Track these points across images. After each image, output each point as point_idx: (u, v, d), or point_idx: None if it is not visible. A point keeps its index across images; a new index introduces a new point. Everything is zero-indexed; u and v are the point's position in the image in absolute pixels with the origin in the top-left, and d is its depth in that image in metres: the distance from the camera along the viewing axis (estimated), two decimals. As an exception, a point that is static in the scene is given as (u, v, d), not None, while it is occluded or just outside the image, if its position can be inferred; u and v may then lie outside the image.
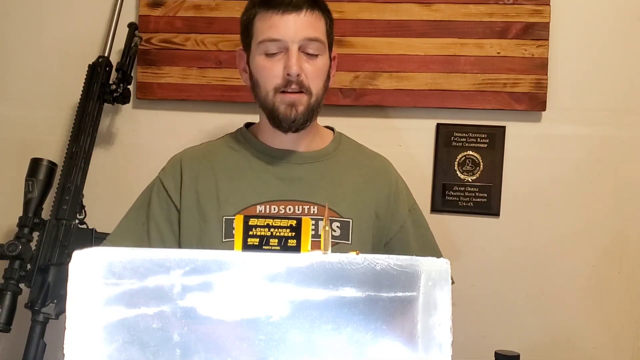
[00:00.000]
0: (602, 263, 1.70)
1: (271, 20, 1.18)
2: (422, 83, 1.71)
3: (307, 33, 1.18)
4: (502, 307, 1.72)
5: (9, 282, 1.43)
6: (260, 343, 0.67)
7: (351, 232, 1.24)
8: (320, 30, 1.21)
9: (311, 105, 1.21)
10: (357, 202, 1.27)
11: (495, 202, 1.72)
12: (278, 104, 1.20)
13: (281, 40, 1.17)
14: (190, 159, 1.30)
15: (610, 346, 1.70)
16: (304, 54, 1.19)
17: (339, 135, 1.35)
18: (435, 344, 0.68)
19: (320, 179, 1.26)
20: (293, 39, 1.17)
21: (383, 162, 1.36)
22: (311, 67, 1.19)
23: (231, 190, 1.25)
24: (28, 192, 1.50)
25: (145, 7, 1.79)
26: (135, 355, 0.67)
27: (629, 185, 1.70)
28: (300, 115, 1.20)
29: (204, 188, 1.26)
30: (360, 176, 1.30)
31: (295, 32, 1.17)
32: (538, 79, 1.69)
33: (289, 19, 1.17)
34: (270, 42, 1.18)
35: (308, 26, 1.18)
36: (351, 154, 1.33)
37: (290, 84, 1.18)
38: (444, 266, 0.70)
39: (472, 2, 1.70)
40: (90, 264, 0.68)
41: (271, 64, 1.19)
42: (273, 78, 1.19)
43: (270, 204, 1.23)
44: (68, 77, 1.79)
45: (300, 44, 1.18)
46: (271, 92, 1.20)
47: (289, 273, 0.68)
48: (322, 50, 1.21)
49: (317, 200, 1.24)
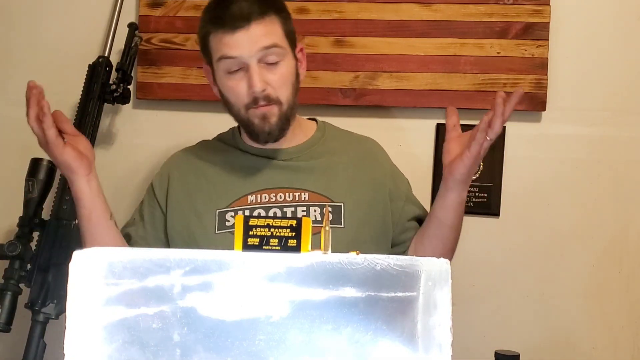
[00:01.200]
0: (602, 263, 1.70)
1: (223, 38, 1.16)
2: (422, 83, 1.71)
3: (262, 43, 1.15)
4: (502, 307, 1.72)
5: (9, 282, 1.43)
6: (260, 343, 0.68)
7: (343, 216, 1.24)
8: (276, 34, 1.18)
9: (284, 114, 1.21)
10: (350, 186, 1.27)
11: (495, 202, 1.72)
12: (252, 118, 1.20)
13: (237, 58, 1.16)
14: (178, 160, 1.36)
15: (610, 346, 1.70)
16: (265, 64, 1.17)
17: (322, 125, 1.36)
18: (435, 344, 0.68)
19: (309, 166, 1.28)
20: (249, 53, 1.15)
21: (373, 144, 1.38)
22: (275, 77, 1.18)
23: (222, 184, 1.27)
24: (28, 192, 1.50)
25: (145, 7, 1.79)
26: (135, 355, 0.67)
27: (629, 185, 1.70)
28: (275, 126, 1.20)
29: (195, 184, 1.29)
30: (350, 160, 1.31)
31: (250, 47, 1.15)
32: (538, 79, 1.68)
33: (240, 35, 1.15)
34: (228, 60, 1.17)
35: (261, 36, 1.15)
36: (338, 140, 1.34)
37: (257, 100, 1.18)
38: (444, 266, 0.70)
39: (472, 2, 1.70)
40: (90, 264, 0.68)
41: (235, 82, 1.19)
42: (241, 97, 1.19)
43: (261, 193, 1.25)
44: (68, 77, 1.79)
45: (259, 56, 1.16)
46: (242, 110, 1.21)
47: (289, 273, 0.68)
48: (283, 55, 1.19)
49: (307, 186, 1.25)
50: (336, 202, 1.25)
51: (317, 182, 1.26)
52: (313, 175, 1.27)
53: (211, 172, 1.30)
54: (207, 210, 1.26)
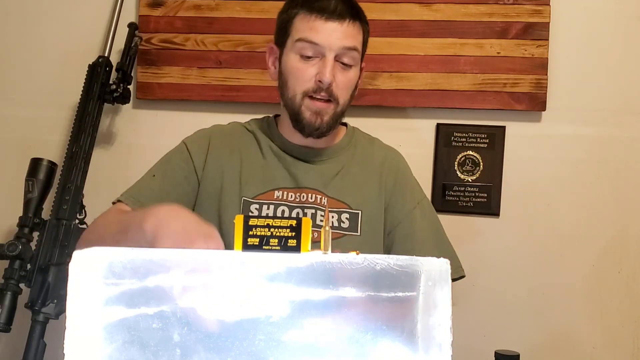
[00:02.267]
0: (602, 263, 1.70)
1: (313, 23, 1.18)
2: (422, 83, 1.71)
3: (346, 42, 1.18)
4: (502, 307, 1.72)
5: (9, 282, 1.43)
6: (260, 343, 0.67)
7: (360, 224, 1.25)
8: (359, 40, 1.22)
9: (336, 115, 1.23)
10: (368, 194, 1.28)
11: (495, 202, 1.72)
12: (304, 109, 1.21)
13: (319, 45, 1.18)
14: (219, 136, 1.32)
15: (610, 346, 1.70)
16: (339, 63, 1.19)
17: (352, 130, 1.37)
18: (435, 344, 0.68)
19: (333, 172, 1.28)
20: (331, 46, 1.18)
21: (394, 154, 1.37)
22: (343, 78, 1.20)
23: (252, 173, 1.27)
24: (28, 192, 1.50)
25: (145, 7, 1.79)
26: (135, 355, 0.67)
27: (629, 185, 1.70)
28: (325, 124, 1.22)
29: (229, 166, 1.27)
30: (371, 167, 1.31)
31: (335, 40, 1.18)
32: (538, 79, 1.69)
33: (332, 26, 1.18)
34: (308, 44, 1.18)
35: (348, 36, 1.19)
36: (363, 147, 1.35)
37: (320, 90, 1.19)
38: (444, 266, 0.69)
39: (472, 2, 1.70)
40: (90, 264, 0.68)
41: (305, 66, 1.19)
42: (304, 81, 1.20)
43: (288, 191, 1.25)
44: (68, 77, 1.80)
45: (338, 52, 1.18)
46: (299, 95, 1.20)
47: (289, 273, 0.68)
48: (356, 62, 1.22)
49: (329, 192, 1.26)
50: (354, 210, 1.26)
51: (338, 188, 1.27)
52: (335, 182, 1.27)
53: (246, 156, 1.29)
54: (234, 195, 1.25)
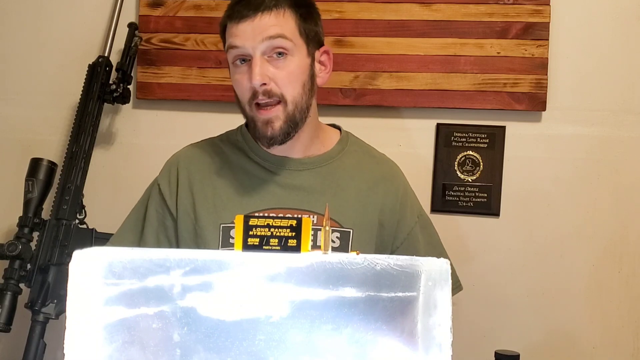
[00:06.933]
0: (602, 263, 1.70)
1: (232, 29, 1.12)
2: (422, 83, 1.71)
3: (267, 33, 1.09)
4: (502, 307, 1.72)
5: (9, 282, 1.43)
6: (260, 343, 0.67)
7: (351, 243, 1.18)
8: (286, 27, 1.11)
9: (290, 115, 1.12)
10: (360, 211, 1.20)
11: (495, 202, 1.72)
12: (256, 120, 1.14)
13: (241, 48, 1.10)
14: (186, 160, 1.25)
15: (610, 346, 1.70)
16: (272, 58, 1.10)
17: (345, 136, 1.27)
18: (435, 344, 0.68)
19: (320, 186, 1.20)
20: (252, 44, 1.09)
21: (391, 167, 1.29)
22: (280, 72, 1.11)
23: (229, 196, 1.19)
24: (28, 192, 1.50)
25: (145, 7, 1.79)
26: (135, 355, 0.67)
27: (629, 185, 1.70)
28: (278, 131, 1.12)
29: (200, 191, 1.20)
30: (365, 182, 1.22)
31: (254, 37, 1.09)
32: (538, 79, 1.69)
33: (245, 24, 1.10)
34: (233, 51, 1.12)
35: (268, 26, 1.09)
36: (357, 158, 1.25)
37: (257, 94, 1.10)
38: (444, 266, 0.69)
39: (472, 2, 1.70)
40: (90, 264, 0.68)
41: (240, 76, 1.13)
42: (244, 90, 1.12)
43: (269, 212, 1.17)
44: (68, 77, 1.80)
45: (263, 48, 1.09)
46: (247, 106, 1.14)
47: (289, 273, 0.68)
48: (292, 50, 1.11)
49: (317, 209, 1.16)
50: (345, 228, 1.18)
51: (327, 205, 1.21)
52: (324, 197, 1.18)
53: (218, 180, 1.21)
54: (210, 222, 1.18)
